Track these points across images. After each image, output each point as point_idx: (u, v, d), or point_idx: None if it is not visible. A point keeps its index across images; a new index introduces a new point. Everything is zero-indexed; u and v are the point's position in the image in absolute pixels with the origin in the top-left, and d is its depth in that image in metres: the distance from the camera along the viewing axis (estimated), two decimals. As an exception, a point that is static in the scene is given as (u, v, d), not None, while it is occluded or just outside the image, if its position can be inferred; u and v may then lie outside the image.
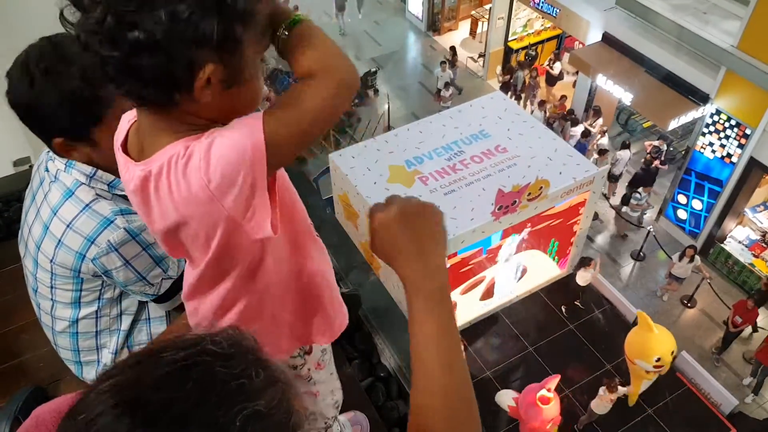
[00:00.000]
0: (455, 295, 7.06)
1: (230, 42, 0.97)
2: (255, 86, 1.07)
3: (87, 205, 1.66)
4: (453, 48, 13.75)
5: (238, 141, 0.98)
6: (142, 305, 1.92)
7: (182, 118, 1.04)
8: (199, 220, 1.05)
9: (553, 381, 6.43)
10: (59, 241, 1.67)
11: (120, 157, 1.16)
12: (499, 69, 13.67)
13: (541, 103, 11.67)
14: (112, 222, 1.64)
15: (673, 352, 6.75)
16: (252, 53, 1.02)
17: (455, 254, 6.52)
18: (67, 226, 1.65)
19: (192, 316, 1.42)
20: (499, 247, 7.01)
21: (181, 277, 1.81)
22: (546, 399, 6.29)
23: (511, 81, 13.01)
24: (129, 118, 1.21)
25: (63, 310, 1.80)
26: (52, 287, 1.76)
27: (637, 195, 10.15)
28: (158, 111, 1.04)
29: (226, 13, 0.94)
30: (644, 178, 10.43)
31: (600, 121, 11.24)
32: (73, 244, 1.65)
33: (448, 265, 6.60)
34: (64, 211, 1.66)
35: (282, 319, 1.38)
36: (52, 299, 1.79)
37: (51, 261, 1.70)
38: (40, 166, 1.80)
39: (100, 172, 1.69)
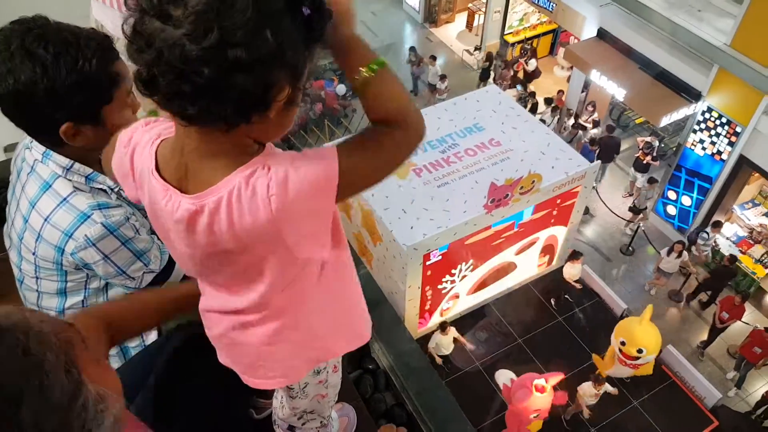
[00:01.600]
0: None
1: (304, 65, 1.00)
2: (298, 105, 1.09)
3: (64, 198, 1.63)
4: (412, 48, 13.58)
5: (314, 175, 1.02)
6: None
7: (237, 140, 1.04)
8: (257, 248, 1.09)
9: (556, 377, 6.50)
10: (39, 234, 1.65)
11: (155, 185, 1.13)
12: (480, 55, 13.70)
13: (554, 109, 11.60)
14: (89, 217, 1.61)
15: (654, 352, 6.91)
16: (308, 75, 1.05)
17: (489, 227, 6.65)
18: (45, 219, 1.62)
19: (210, 326, 1.42)
20: (531, 221, 7.13)
21: (164, 270, 1.82)
22: (541, 388, 6.36)
23: (491, 68, 13.11)
24: (149, 135, 1.19)
25: (49, 300, 1.79)
26: (37, 278, 1.75)
27: (705, 235, 9.45)
28: (213, 132, 1.02)
29: (310, 37, 0.98)
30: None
31: (595, 115, 11.30)
32: (52, 238, 1.63)
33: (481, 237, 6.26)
34: (42, 204, 1.64)
35: (319, 331, 1.40)
36: (37, 290, 1.78)
37: (33, 254, 1.69)
38: (17, 157, 1.77)
39: (77, 165, 1.66)
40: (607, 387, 7.16)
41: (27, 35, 1.48)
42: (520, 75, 13.11)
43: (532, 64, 13.06)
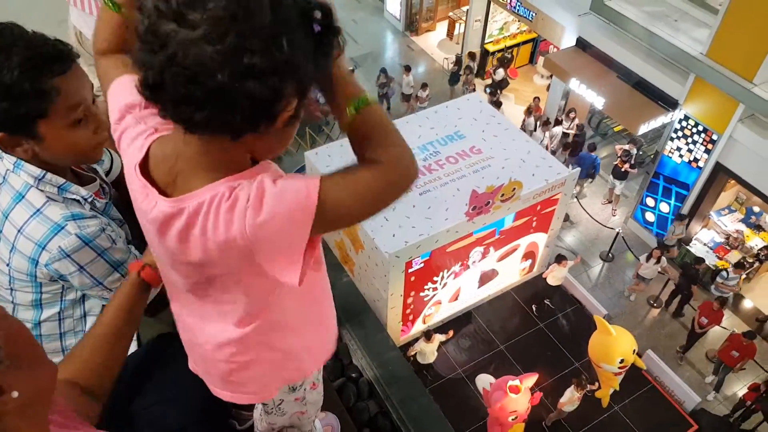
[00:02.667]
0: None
1: (310, 80, 0.99)
2: (299, 120, 1.07)
3: (38, 209, 1.59)
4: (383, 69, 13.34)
5: (291, 198, 0.98)
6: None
7: (237, 154, 1.04)
8: (227, 263, 1.05)
9: (530, 378, 6.52)
10: (13, 245, 1.61)
11: (136, 181, 1.11)
12: (452, 57, 13.82)
13: (528, 112, 11.78)
14: (63, 228, 1.58)
15: (634, 350, 6.92)
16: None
17: (471, 234, 6.67)
18: (19, 231, 1.59)
19: (184, 330, 1.41)
20: (511, 228, 7.16)
21: None
22: (515, 389, 6.37)
23: (459, 72, 13.25)
24: (143, 128, 1.16)
25: (25, 313, 1.75)
26: (11, 289, 1.71)
27: (724, 273, 9.18)
28: (214, 143, 1.01)
29: (319, 53, 0.98)
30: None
31: (576, 122, 11.43)
32: (25, 249, 1.60)
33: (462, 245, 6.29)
34: (15, 215, 1.60)
35: (294, 350, 1.39)
36: (12, 302, 1.74)
37: (7, 265, 1.65)
38: None
39: (49, 175, 1.62)
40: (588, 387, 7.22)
41: None
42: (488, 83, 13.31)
43: (500, 74, 13.22)
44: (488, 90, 12.96)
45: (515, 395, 6.35)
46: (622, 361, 6.84)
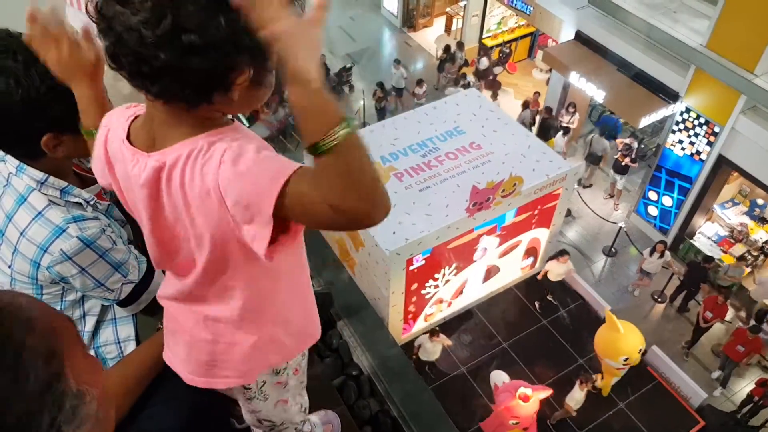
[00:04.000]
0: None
1: (266, 50, 0.91)
2: (271, 85, 1.11)
3: (39, 212, 1.61)
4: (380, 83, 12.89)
5: (267, 165, 1.00)
6: (106, 306, 1.88)
7: (203, 113, 1.07)
8: (206, 217, 1.07)
9: (543, 392, 6.44)
10: (15, 248, 1.63)
11: (126, 150, 1.14)
12: (443, 46, 13.82)
13: (525, 105, 11.75)
14: (64, 231, 1.59)
15: (640, 350, 6.86)
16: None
17: (472, 230, 6.61)
18: (21, 234, 1.61)
19: (170, 320, 1.44)
20: (513, 224, 7.12)
21: (143, 280, 1.79)
22: (524, 396, 6.30)
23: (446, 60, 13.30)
24: (126, 114, 1.21)
25: None
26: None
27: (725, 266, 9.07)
28: (179, 108, 1.05)
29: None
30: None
31: (576, 116, 11.36)
32: (27, 252, 1.61)
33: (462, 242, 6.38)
34: (18, 218, 1.62)
35: (277, 334, 1.41)
36: None
37: (9, 267, 1.66)
38: None
39: (51, 179, 1.64)
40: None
41: None
42: (469, 73, 13.31)
43: (483, 63, 13.17)
44: (468, 79, 12.94)
45: (523, 403, 6.28)
46: (626, 359, 6.78)
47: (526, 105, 11.67)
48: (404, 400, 2.87)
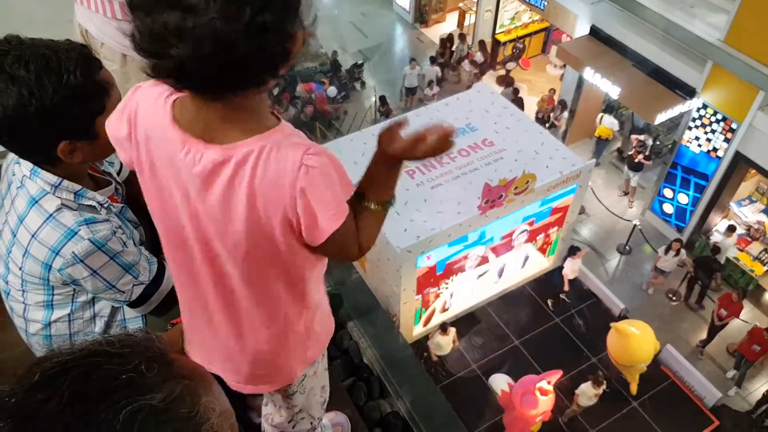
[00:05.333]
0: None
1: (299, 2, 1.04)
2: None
3: (51, 215, 1.61)
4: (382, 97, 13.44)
5: (342, 172, 1.20)
6: (116, 308, 1.89)
7: (245, 107, 1.11)
8: (274, 204, 1.13)
9: (555, 375, 6.40)
10: (26, 250, 1.63)
11: (174, 132, 1.14)
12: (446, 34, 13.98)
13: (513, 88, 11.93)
14: (76, 233, 1.59)
15: (656, 348, 6.81)
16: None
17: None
18: (32, 236, 1.61)
19: (203, 332, 1.48)
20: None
21: (154, 281, 1.79)
22: (545, 391, 6.26)
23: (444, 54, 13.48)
24: (155, 92, 1.20)
25: (35, 313, 1.77)
26: (23, 291, 1.73)
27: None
28: (235, 103, 1.08)
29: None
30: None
31: (565, 114, 11.31)
32: (39, 254, 1.62)
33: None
34: (30, 220, 1.62)
35: (313, 328, 1.49)
36: (24, 302, 1.76)
37: (20, 269, 1.67)
38: (8, 168, 1.75)
39: (65, 182, 1.63)
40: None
41: (4, 59, 1.44)
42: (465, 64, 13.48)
43: (479, 58, 13.23)
44: (466, 68, 13.17)
45: (545, 397, 6.24)
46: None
47: (508, 84, 11.60)
48: (414, 401, 2.85)
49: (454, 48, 13.62)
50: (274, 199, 1.11)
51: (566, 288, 8.51)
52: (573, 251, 8.24)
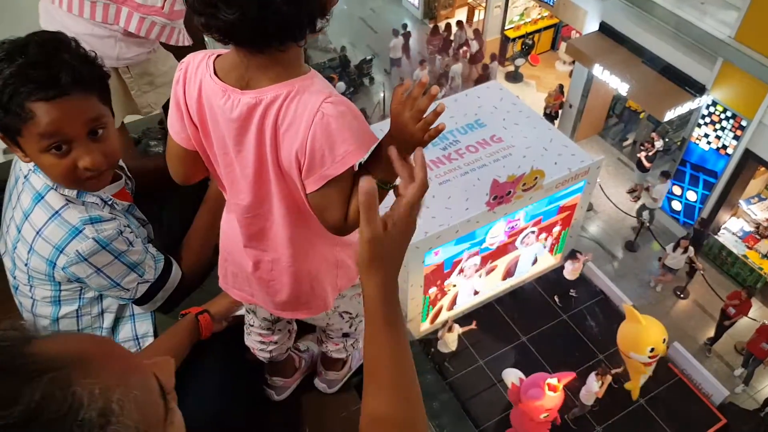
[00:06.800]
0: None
1: None
2: None
3: (56, 212, 1.60)
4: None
5: (357, 135, 1.16)
6: (124, 303, 1.88)
7: (284, 58, 1.15)
8: (288, 147, 1.17)
9: (567, 377, 6.40)
10: (31, 247, 1.63)
11: (214, 84, 1.21)
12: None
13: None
14: (80, 231, 1.58)
15: (665, 340, 6.76)
16: None
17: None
18: (37, 233, 1.60)
19: (241, 264, 1.50)
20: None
21: (160, 279, 1.79)
22: (553, 387, 6.26)
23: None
24: (199, 56, 1.27)
25: (43, 308, 1.77)
26: (30, 286, 1.73)
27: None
28: (274, 55, 1.13)
29: None
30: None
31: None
32: (43, 251, 1.61)
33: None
34: (35, 216, 1.61)
35: (343, 258, 1.54)
36: (32, 297, 1.76)
37: (26, 264, 1.67)
38: (16, 162, 1.74)
39: None
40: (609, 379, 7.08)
41: None
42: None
43: (474, 46, 13.26)
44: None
45: (553, 393, 6.24)
46: (652, 350, 6.68)
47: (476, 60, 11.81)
48: (423, 399, 2.86)
49: (452, 36, 13.61)
50: (290, 140, 1.16)
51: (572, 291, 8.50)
52: (573, 255, 8.22)
